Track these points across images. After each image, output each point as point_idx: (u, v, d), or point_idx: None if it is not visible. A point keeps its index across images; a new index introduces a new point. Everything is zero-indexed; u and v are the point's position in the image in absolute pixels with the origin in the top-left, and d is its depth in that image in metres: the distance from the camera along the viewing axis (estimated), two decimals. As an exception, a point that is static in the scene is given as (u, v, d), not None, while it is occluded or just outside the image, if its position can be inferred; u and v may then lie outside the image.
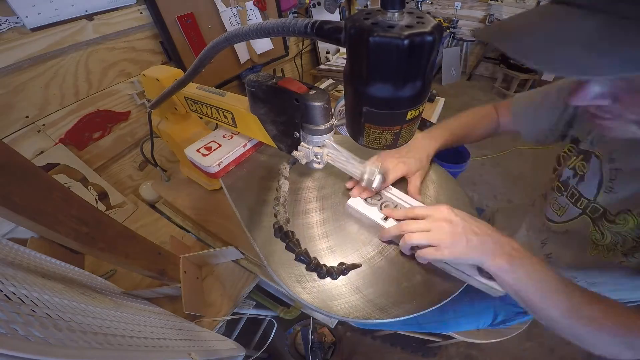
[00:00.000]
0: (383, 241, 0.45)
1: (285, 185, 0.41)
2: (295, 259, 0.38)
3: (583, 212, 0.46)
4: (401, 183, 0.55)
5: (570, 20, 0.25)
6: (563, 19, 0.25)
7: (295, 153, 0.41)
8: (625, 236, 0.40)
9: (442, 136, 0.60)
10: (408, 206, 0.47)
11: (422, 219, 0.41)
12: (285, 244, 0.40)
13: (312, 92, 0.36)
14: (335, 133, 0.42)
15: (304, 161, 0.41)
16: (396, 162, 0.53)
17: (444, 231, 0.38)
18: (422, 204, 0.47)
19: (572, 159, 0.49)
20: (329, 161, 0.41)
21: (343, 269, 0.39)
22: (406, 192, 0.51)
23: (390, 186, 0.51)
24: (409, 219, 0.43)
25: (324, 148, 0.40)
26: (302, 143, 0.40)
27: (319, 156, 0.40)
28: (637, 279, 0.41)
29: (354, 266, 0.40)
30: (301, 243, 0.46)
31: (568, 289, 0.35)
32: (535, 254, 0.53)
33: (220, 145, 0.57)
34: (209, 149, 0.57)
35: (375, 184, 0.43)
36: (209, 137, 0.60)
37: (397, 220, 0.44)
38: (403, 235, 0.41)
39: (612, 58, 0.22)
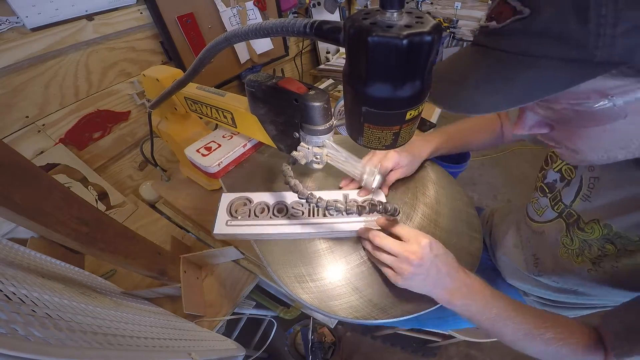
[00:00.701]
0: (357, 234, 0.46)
1: (298, 184, 0.41)
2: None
3: (559, 215, 0.47)
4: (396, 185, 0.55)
5: (472, 61, 0.28)
6: (467, 61, 0.29)
7: (294, 153, 0.41)
8: (592, 244, 0.41)
9: (437, 140, 0.61)
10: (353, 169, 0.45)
11: (399, 238, 0.41)
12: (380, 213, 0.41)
13: (311, 92, 0.36)
14: (335, 133, 0.42)
15: (303, 161, 0.41)
16: (392, 152, 0.54)
17: (409, 264, 0.38)
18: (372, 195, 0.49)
19: (557, 162, 0.49)
20: (329, 161, 0.41)
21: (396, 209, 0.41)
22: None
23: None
24: (390, 232, 0.43)
25: (324, 148, 0.40)
26: (301, 143, 0.40)
27: (318, 156, 0.40)
28: (605, 287, 0.42)
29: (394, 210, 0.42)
30: (301, 243, 0.46)
31: (522, 315, 0.39)
32: (524, 254, 0.54)
33: (220, 146, 0.57)
34: (208, 149, 0.57)
35: (374, 184, 0.43)
36: (208, 137, 0.60)
37: (378, 225, 0.45)
38: (371, 237, 0.42)
39: (497, 96, 0.25)
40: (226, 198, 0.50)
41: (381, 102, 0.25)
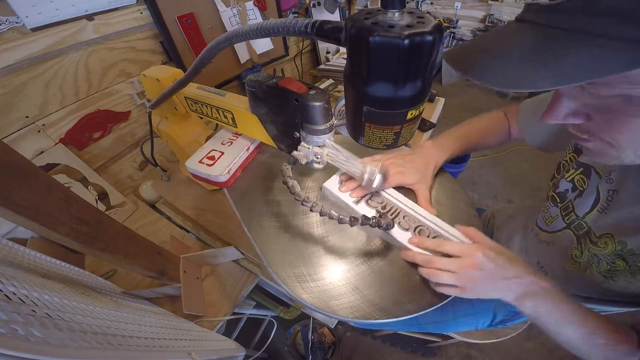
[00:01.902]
0: (405, 260, 0.44)
1: (296, 185, 0.41)
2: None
3: (567, 226, 0.46)
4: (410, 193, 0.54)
5: (514, 35, 0.26)
6: (510, 36, 0.26)
7: (295, 153, 0.41)
8: (601, 259, 0.41)
9: (451, 146, 0.58)
10: (413, 213, 0.47)
11: (450, 256, 0.40)
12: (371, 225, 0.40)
13: (312, 92, 0.36)
14: (335, 133, 0.41)
15: (304, 161, 0.41)
16: (394, 172, 0.51)
17: (471, 277, 0.38)
18: (432, 215, 0.46)
19: (570, 171, 0.47)
20: (329, 161, 0.41)
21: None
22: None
23: (395, 191, 0.51)
24: (439, 252, 0.41)
25: (324, 148, 0.40)
26: (302, 143, 0.40)
27: (319, 156, 0.40)
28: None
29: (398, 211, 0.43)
30: (301, 243, 0.46)
31: (583, 319, 0.37)
32: (529, 260, 0.54)
33: (222, 153, 0.55)
34: (212, 158, 0.54)
35: (375, 184, 0.43)
36: (207, 147, 0.57)
37: (424, 248, 0.42)
38: (425, 262, 0.41)
39: (544, 72, 0.22)
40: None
41: (382, 102, 0.25)
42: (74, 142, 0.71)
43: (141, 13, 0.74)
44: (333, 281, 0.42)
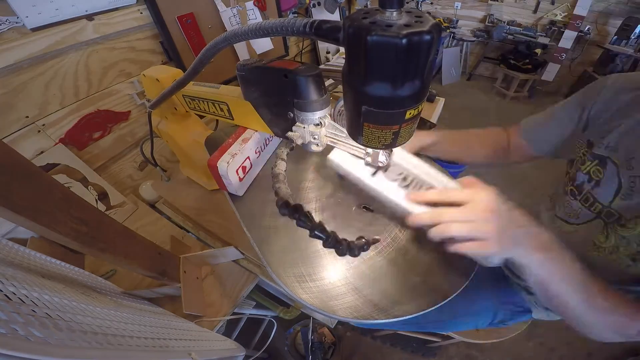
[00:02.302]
0: (413, 227, 0.38)
1: (281, 164, 0.38)
2: (310, 235, 0.32)
3: (597, 216, 0.46)
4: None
5: None
6: None
7: (290, 134, 0.38)
8: (630, 240, 0.41)
9: (433, 134, 0.59)
10: (438, 184, 0.40)
11: (459, 204, 0.35)
12: (295, 221, 0.34)
13: (301, 67, 0.35)
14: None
15: (299, 142, 0.39)
16: None
17: (490, 223, 0.33)
18: (453, 181, 0.40)
19: (586, 164, 0.48)
20: (329, 143, 0.39)
21: (363, 244, 0.34)
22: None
23: (408, 154, 0.44)
24: (445, 203, 0.36)
25: (321, 128, 0.38)
26: (297, 123, 0.39)
27: (316, 136, 0.38)
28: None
29: (374, 241, 0.36)
30: (300, 243, 0.46)
31: (589, 281, 0.36)
32: None
33: (252, 167, 0.52)
34: (244, 170, 0.50)
35: (381, 158, 0.39)
36: (246, 151, 0.49)
37: (427, 203, 0.38)
38: (434, 218, 0.35)
39: None
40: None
41: (381, 102, 0.25)
42: (74, 142, 0.71)
43: (141, 13, 0.74)
44: (332, 281, 0.42)
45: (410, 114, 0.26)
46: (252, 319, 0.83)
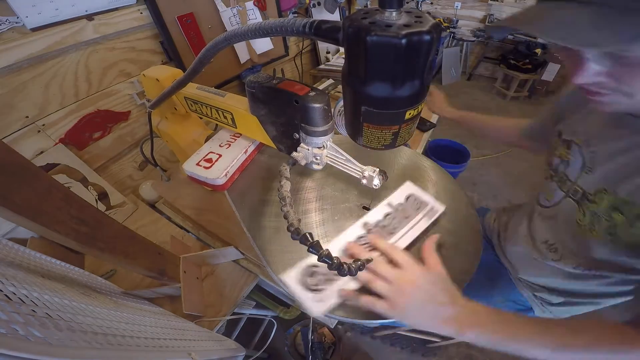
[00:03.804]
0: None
1: (286, 185, 0.40)
2: (318, 260, 0.35)
3: (566, 194, 0.50)
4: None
5: (571, 9, 0.28)
6: (565, 9, 0.29)
7: (294, 154, 0.41)
8: (600, 216, 0.42)
9: (457, 114, 0.77)
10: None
11: (396, 265, 0.39)
12: (307, 248, 0.35)
13: (312, 93, 0.36)
14: (335, 133, 0.41)
15: (303, 162, 0.41)
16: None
17: (403, 293, 0.37)
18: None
19: (558, 148, 0.54)
20: (329, 162, 0.41)
21: (359, 266, 0.37)
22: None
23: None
24: (388, 256, 0.41)
25: (324, 149, 0.40)
26: (301, 144, 0.40)
27: (318, 157, 0.40)
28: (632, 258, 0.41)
29: (368, 261, 0.39)
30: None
31: (548, 331, 0.35)
32: (537, 242, 0.55)
33: (220, 155, 0.54)
34: (209, 160, 0.53)
35: (375, 182, 0.42)
36: (204, 149, 0.56)
37: (376, 249, 0.42)
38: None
39: (609, 34, 0.26)
40: (290, 280, 0.42)
41: (380, 102, 0.25)
42: (74, 142, 0.71)
43: (141, 13, 0.74)
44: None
45: (410, 114, 0.26)
46: (252, 319, 0.83)
